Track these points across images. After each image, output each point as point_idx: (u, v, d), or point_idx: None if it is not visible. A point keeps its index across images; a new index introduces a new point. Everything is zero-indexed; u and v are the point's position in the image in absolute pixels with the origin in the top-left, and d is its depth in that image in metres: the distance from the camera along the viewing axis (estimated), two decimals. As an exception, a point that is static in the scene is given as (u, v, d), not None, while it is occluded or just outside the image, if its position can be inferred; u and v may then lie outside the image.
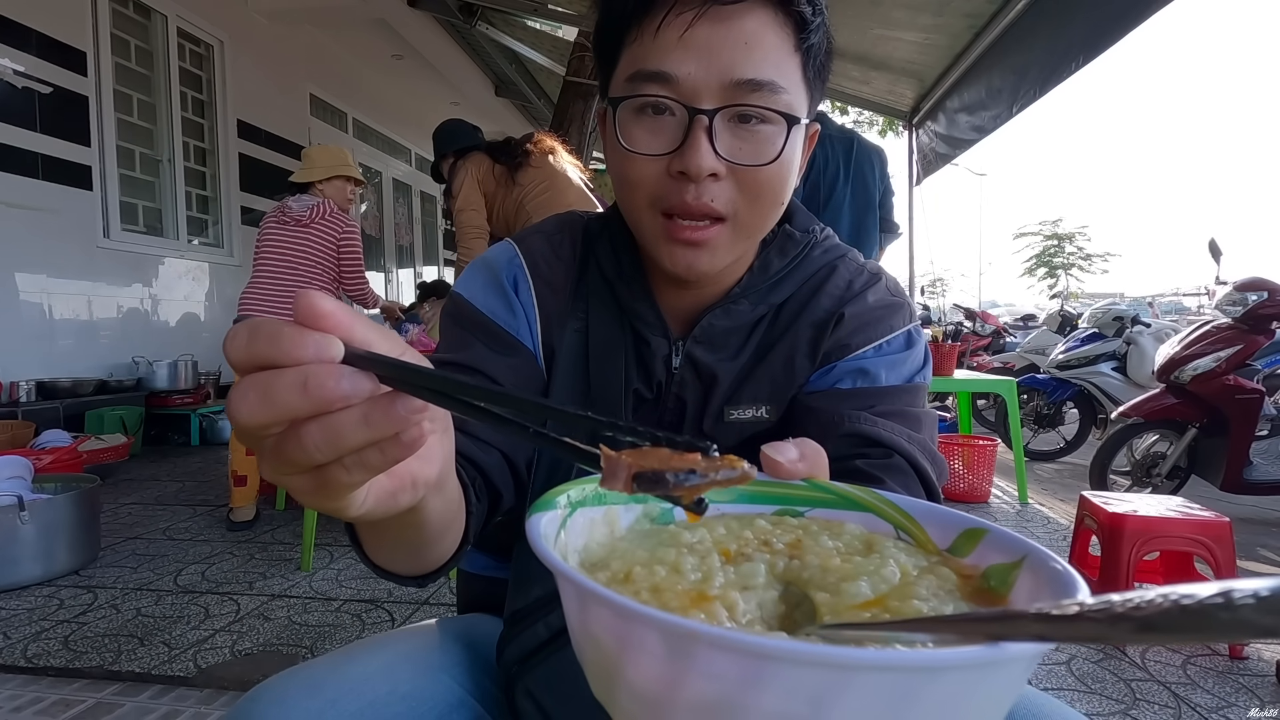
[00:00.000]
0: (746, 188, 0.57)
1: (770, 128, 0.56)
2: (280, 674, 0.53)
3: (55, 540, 2.15)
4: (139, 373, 4.43)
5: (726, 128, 0.56)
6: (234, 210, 5.47)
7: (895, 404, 0.63)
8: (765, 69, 0.55)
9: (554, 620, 0.56)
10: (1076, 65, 2.96)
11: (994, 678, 0.21)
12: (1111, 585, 1.80)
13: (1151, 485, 3.20)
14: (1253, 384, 2.92)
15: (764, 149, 0.56)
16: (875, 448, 0.60)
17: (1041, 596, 0.27)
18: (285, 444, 0.28)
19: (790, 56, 0.57)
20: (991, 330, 6.89)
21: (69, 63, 4.08)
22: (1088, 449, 3.87)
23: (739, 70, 0.54)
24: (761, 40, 0.55)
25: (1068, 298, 22.92)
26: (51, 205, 3.99)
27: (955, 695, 0.20)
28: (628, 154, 0.57)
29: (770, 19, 0.55)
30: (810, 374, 0.66)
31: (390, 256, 8.34)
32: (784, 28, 0.56)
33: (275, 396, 0.26)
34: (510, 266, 0.69)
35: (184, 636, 1.77)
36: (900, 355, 0.66)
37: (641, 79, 0.56)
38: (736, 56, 0.54)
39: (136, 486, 3.40)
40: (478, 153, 2.96)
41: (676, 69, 0.55)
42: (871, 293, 0.68)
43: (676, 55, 0.54)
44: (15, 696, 1.51)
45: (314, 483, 0.30)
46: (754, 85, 0.55)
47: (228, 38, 5.34)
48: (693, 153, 0.55)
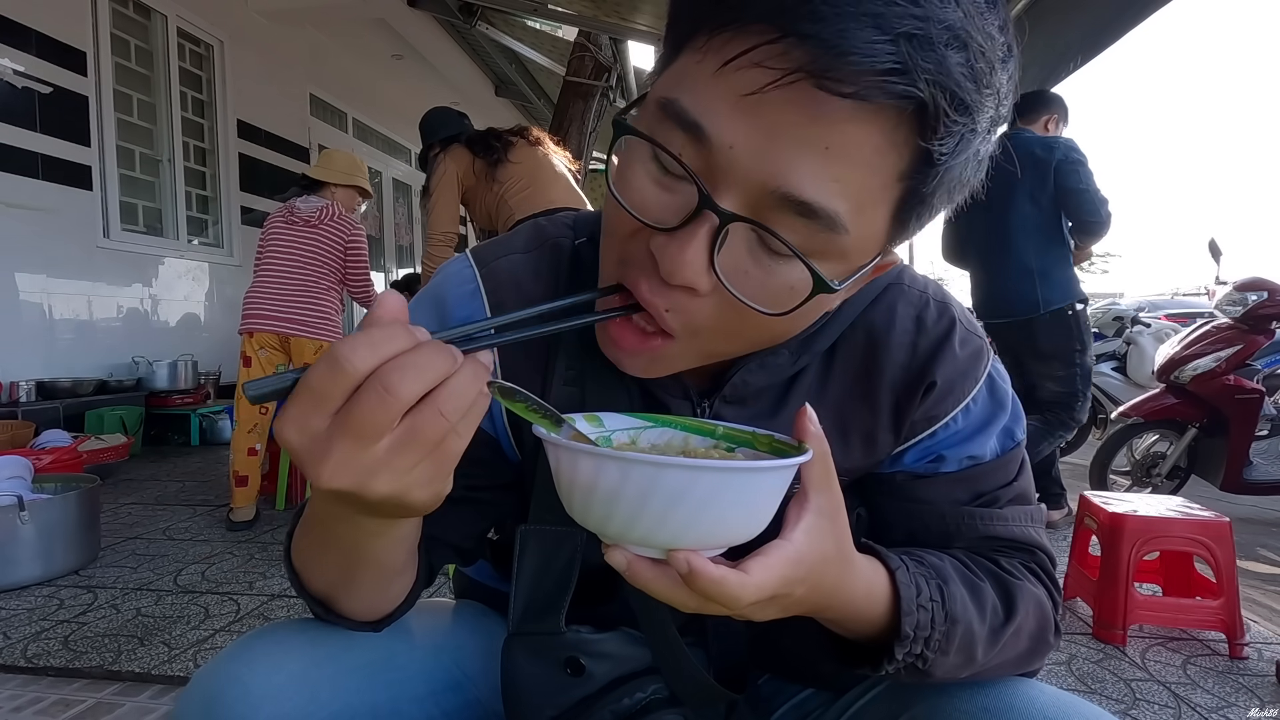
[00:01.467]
0: (726, 321, 0.43)
1: (802, 269, 0.40)
2: (271, 628, 0.54)
3: (55, 540, 2.15)
4: (139, 373, 4.43)
5: (745, 240, 0.41)
6: (234, 210, 5.47)
7: (1006, 477, 0.58)
8: (834, 195, 0.38)
9: None
10: (1075, 65, 2.96)
11: (731, 482, 0.35)
12: (1111, 585, 1.81)
13: (1151, 485, 3.20)
14: (1253, 384, 2.92)
15: (773, 293, 0.41)
16: (1012, 545, 0.57)
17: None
18: (419, 423, 0.32)
19: (885, 187, 0.39)
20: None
21: (69, 63, 4.08)
22: (1088, 449, 3.87)
23: (796, 181, 0.37)
24: (851, 154, 0.37)
25: (1068, 298, 22.83)
26: (51, 205, 3.99)
27: (713, 489, 0.34)
28: (613, 197, 0.43)
29: (881, 129, 0.37)
30: (892, 446, 0.57)
31: (390, 256, 8.34)
32: (896, 148, 0.38)
33: (417, 372, 0.32)
34: (466, 307, 0.55)
35: (184, 636, 1.77)
36: (989, 410, 0.57)
37: (672, 116, 0.40)
38: (804, 160, 0.37)
39: (136, 486, 3.40)
40: (458, 146, 2.86)
41: (718, 133, 0.38)
42: (956, 339, 0.56)
43: (728, 116, 0.37)
44: (15, 696, 1.51)
45: (434, 465, 0.34)
46: (805, 209, 0.38)
47: (228, 38, 5.34)
48: (677, 249, 0.40)
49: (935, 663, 0.49)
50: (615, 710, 0.52)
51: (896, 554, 0.50)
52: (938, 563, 0.52)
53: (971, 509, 0.56)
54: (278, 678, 0.49)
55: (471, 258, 0.58)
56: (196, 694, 0.49)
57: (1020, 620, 0.53)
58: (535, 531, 0.54)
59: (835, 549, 0.42)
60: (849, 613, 0.46)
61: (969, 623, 0.50)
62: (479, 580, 0.73)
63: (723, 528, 0.36)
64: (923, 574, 0.49)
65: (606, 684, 0.53)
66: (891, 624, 0.48)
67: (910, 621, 0.47)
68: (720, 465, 0.35)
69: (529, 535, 0.54)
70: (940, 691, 0.54)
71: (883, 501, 0.59)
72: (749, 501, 0.37)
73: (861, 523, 0.61)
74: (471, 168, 2.84)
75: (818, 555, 0.40)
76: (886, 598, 0.48)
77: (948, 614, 0.49)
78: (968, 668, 0.52)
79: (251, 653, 0.50)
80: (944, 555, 0.54)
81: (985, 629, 0.51)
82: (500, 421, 0.58)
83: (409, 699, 0.55)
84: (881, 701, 0.59)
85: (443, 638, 0.61)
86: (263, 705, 0.47)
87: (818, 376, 0.56)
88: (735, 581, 0.36)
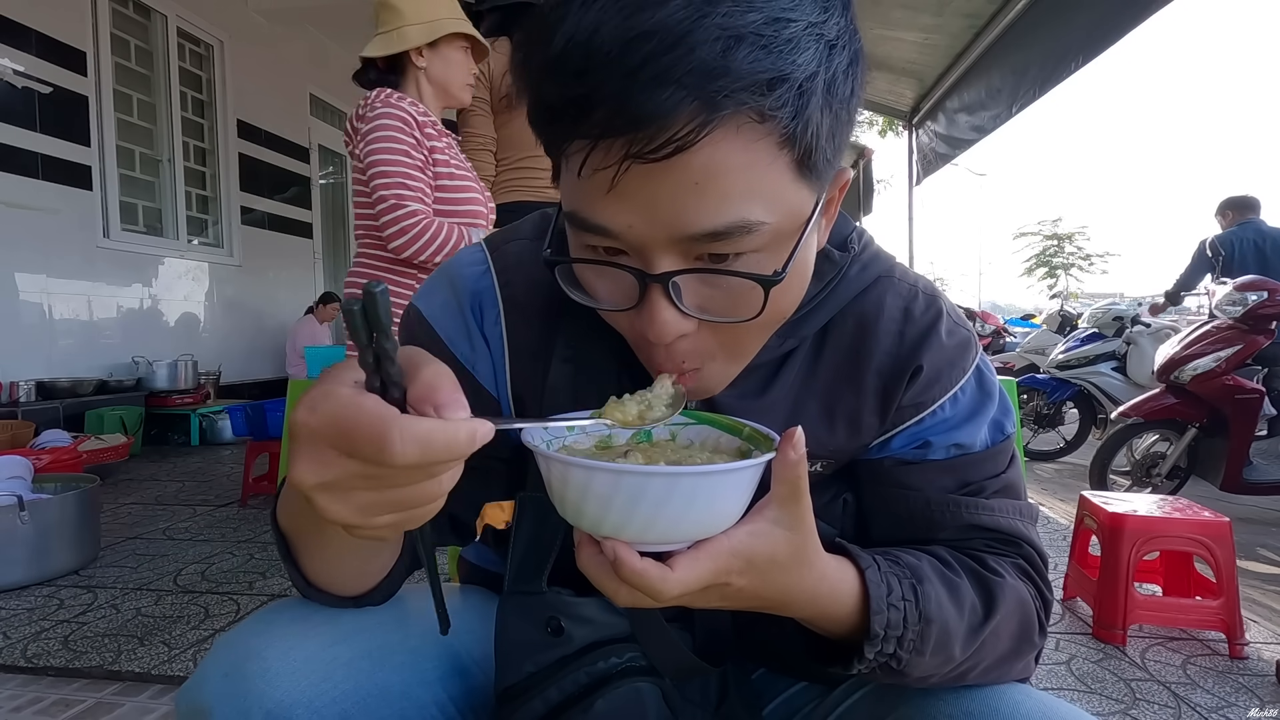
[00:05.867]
0: (728, 339, 0.48)
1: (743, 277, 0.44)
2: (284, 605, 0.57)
3: (55, 540, 2.15)
4: (139, 373, 4.43)
5: (691, 278, 0.44)
6: (234, 210, 5.47)
7: (995, 469, 0.59)
8: (728, 210, 0.40)
9: (551, 695, 0.53)
10: (1076, 65, 2.96)
11: (704, 484, 0.39)
12: (1111, 585, 1.81)
13: (1151, 485, 3.20)
14: (1252, 384, 2.92)
15: (743, 301, 0.45)
16: (998, 537, 0.58)
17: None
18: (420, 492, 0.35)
19: (772, 162, 0.41)
20: (992, 330, 6.90)
21: (69, 63, 4.09)
22: (1088, 449, 3.87)
23: (692, 223, 0.40)
24: (719, 174, 0.39)
25: (1067, 298, 22.91)
26: (51, 205, 3.99)
27: (693, 490, 0.38)
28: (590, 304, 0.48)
29: (729, 138, 0.39)
30: (878, 431, 0.59)
31: (390, 256, 8.33)
32: (751, 139, 0.40)
33: (459, 466, 0.36)
34: (476, 285, 0.59)
35: (184, 636, 1.77)
36: (976, 401, 0.59)
37: (579, 226, 0.44)
38: (686, 206, 0.40)
39: (136, 486, 3.40)
40: (505, 40, 2.16)
41: (614, 223, 0.42)
42: (943, 329, 0.58)
43: (612, 206, 0.41)
44: (15, 696, 1.51)
45: (417, 518, 0.37)
46: (715, 235, 0.41)
47: (228, 38, 5.34)
48: (650, 319, 0.44)
49: (910, 662, 0.50)
50: (590, 672, 0.54)
51: (869, 553, 0.51)
52: (914, 562, 0.52)
53: (957, 497, 0.57)
54: (296, 655, 0.51)
55: (485, 245, 0.62)
56: (218, 663, 0.51)
57: (1000, 619, 0.53)
58: (532, 498, 0.56)
59: (789, 553, 0.44)
60: (815, 611, 0.48)
61: (944, 622, 0.50)
62: (481, 565, 0.74)
63: (681, 526, 0.40)
64: (895, 573, 0.50)
65: (584, 646, 0.55)
66: (862, 623, 0.49)
67: (880, 620, 0.48)
68: (659, 471, 0.38)
69: (526, 502, 0.57)
70: (926, 694, 0.55)
71: (871, 488, 0.61)
72: (702, 501, 0.40)
73: (847, 508, 0.62)
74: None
75: (764, 556, 0.43)
76: (855, 597, 0.49)
77: (921, 613, 0.49)
78: (946, 667, 0.52)
79: (272, 628, 0.53)
80: (922, 554, 0.54)
81: (963, 627, 0.51)
82: (504, 392, 0.61)
83: (419, 682, 0.56)
84: (868, 702, 0.59)
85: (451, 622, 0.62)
86: (279, 681, 0.49)
87: (807, 359, 0.58)
88: (656, 575, 0.39)
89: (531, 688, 0.54)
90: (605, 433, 0.49)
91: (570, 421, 0.45)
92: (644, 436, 0.50)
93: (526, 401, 0.60)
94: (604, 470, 0.38)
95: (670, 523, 0.39)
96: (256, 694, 0.48)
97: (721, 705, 0.59)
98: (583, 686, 0.53)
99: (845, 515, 0.62)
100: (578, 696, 0.53)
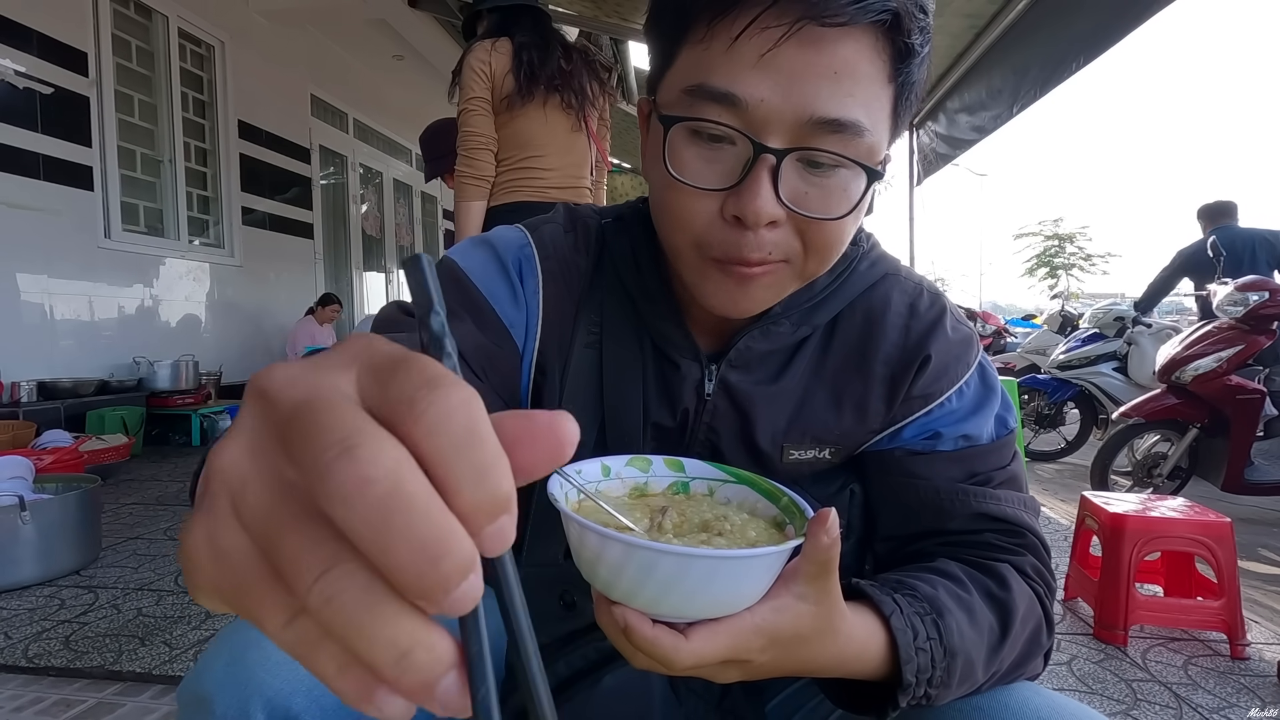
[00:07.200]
0: (809, 239, 0.50)
1: (846, 174, 0.48)
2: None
3: (56, 540, 2.15)
4: (140, 373, 4.43)
5: (795, 169, 0.48)
6: (235, 211, 5.47)
7: (1000, 461, 0.60)
8: (852, 107, 0.46)
9: (559, 669, 0.53)
10: (1077, 65, 2.96)
11: (726, 568, 0.37)
12: (1113, 585, 1.80)
13: (1152, 485, 3.20)
14: (1254, 384, 2.92)
15: (835, 200, 0.49)
16: (1005, 527, 0.59)
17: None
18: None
19: (882, 90, 0.48)
20: (993, 330, 6.89)
21: (70, 63, 4.09)
22: (1089, 449, 3.87)
23: (822, 106, 0.45)
24: (854, 70, 0.46)
25: (1068, 298, 22.91)
26: (52, 206, 3.99)
27: (710, 573, 0.37)
28: (675, 182, 0.49)
29: (869, 45, 0.46)
30: (885, 418, 0.61)
31: (391, 256, 8.34)
32: (881, 55, 0.47)
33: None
34: (519, 254, 0.61)
35: (185, 636, 1.78)
36: (981, 394, 0.61)
37: (703, 97, 0.47)
38: (822, 89, 0.45)
39: (137, 486, 3.40)
40: (506, 40, 2.20)
41: (749, 93, 0.45)
42: (948, 324, 0.61)
43: (752, 77, 0.45)
44: (16, 696, 1.51)
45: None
46: (836, 126, 0.46)
47: (228, 38, 5.34)
48: (751, 196, 0.47)
49: (939, 696, 0.50)
50: (600, 648, 0.54)
51: (886, 591, 0.50)
52: (930, 592, 0.52)
53: (966, 486, 0.59)
54: None
55: (522, 225, 0.64)
56: (219, 652, 0.52)
57: (1015, 633, 0.54)
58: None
59: (814, 627, 0.43)
60: (842, 671, 0.47)
61: (968, 653, 0.50)
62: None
63: (695, 604, 0.39)
64: (917, 611, 0.50)
65: (594, 622, 0.55)
66: (890, 669, 0.49)
67: (911, 669, 0.47)
68: (673, 550, 0.36)
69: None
70: None
71: (880, 479, 0.62)
72: (719, 584, 0.38)
73: (854, 499, 0.63)
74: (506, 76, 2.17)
75: (789, 632, 0.42)
76: (883, 647, 0.48)
77: (946, 649, 0.49)
78: (969, 690, 0.53)
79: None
80: (935, 579, 0.54)
81: (984, 650, 0.52)
82: (530, 361, 0.60)
83: None
84: None
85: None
86: (280, 670, 0.49)
87: (818, 349, 0.61)
88: (669, 645, 0.39)
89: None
90: (642, 479, 0.48)
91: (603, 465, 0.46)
92: (681, 488, 0.49)
93: (543, 381, 0.60)
94: (616, 541, 0.36)
95: (683, 599, 0.38)
96: (257, 682, 0.49)
97: (724, 699, 0.59)
98: (591, 662, 0.54)
99: (852, 505, 0.63)
100: (586, 671, 0.53)
